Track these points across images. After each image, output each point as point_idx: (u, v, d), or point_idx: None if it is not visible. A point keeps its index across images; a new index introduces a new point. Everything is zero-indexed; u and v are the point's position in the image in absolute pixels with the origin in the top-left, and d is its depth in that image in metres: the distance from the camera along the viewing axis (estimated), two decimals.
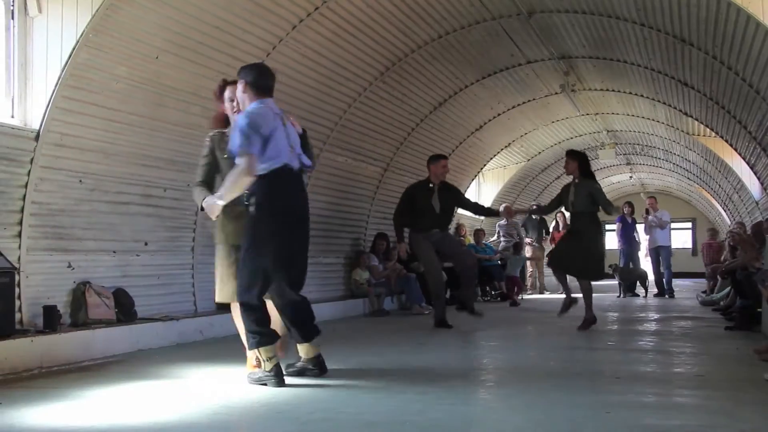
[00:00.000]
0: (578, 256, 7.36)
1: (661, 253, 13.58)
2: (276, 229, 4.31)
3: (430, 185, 8.02)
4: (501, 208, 9.23)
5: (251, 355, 4.53)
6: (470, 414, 3.71)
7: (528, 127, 14.44)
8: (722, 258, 11.75)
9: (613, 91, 12.40)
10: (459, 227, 13.96)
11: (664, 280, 13.59)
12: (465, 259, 8.17)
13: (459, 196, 8.46)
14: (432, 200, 7.92)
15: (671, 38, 8.64)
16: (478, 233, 14.25)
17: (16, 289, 5.39)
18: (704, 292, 12.95)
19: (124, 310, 6.27)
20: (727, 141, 11.66)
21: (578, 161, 7.60)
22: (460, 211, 14.70)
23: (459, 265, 8.19)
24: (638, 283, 13.93)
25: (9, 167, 5.41)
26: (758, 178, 11.58)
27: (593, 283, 7.71)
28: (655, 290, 13.71)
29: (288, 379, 4.39)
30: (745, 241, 8.60)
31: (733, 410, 3.62)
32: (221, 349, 6.04)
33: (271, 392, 4.16)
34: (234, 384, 4.41)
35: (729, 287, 9.77)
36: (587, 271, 7.51)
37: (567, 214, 12.09)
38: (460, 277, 8.38)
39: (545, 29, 9.68)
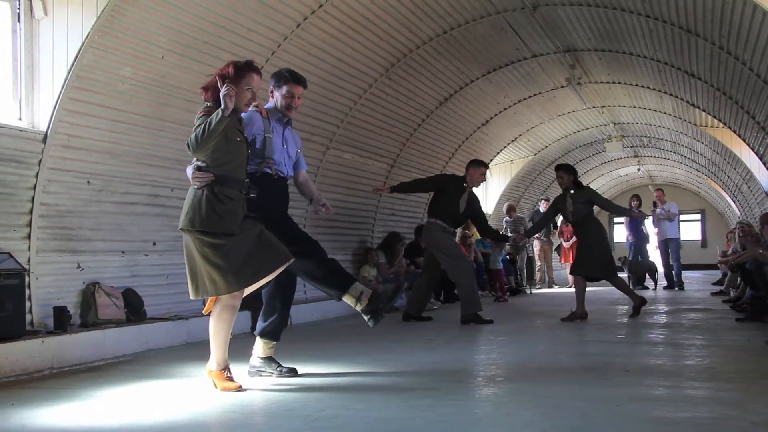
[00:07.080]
0: (596, 258, 7.78)
1: (670, 245, 13.53)
2: None
3: (464, 185, 8.09)
4: (510, 239, 9.87)
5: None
6: (480, 409, 3.71)
7: (534, 121, 14.41)
8: (731, 250, 11.68)
9: (619, 83, 12.36)
10: (468, 225, 13.92)
11: (673, 272, 13.55)
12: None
13: (479, 207, 8.40)
14: (460, 200, 7.97)
15: (677, 29, 8.60)
16: None
17: (26, 291, 5.42)
18: None
19: (134, 309, 6.30)
20: (735, 131, 11.60)
21: (574, 174, 8.06)
22: None
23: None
24: (647, 276, 13.89)
25: (17, 169, 5.44)
26: (767, 169, 11.52)
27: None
28: (665, 283, 13.66)
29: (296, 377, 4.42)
30: (752, 236, 8.58)
31: (745, 402, 3.60)
32: (230, 347, 6.04)
33: (281, 390, 4.18)
34: (244, 382, 4.42)
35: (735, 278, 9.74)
36: (608, 271, 7.91)
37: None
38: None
39: (550, 22, 9.65)
